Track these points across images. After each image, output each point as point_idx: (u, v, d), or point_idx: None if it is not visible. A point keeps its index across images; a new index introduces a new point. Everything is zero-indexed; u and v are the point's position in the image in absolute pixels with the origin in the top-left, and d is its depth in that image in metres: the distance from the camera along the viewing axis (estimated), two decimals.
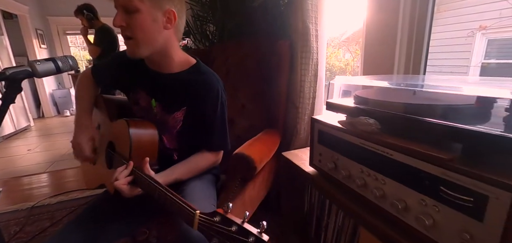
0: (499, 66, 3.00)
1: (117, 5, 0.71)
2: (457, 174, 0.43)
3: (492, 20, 2.85)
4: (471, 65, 3.09)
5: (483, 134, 0.43)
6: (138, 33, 0.72)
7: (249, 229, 0.47)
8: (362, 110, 0.63)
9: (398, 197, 0.54)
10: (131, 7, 0.69)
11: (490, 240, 0.39)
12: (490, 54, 2.99)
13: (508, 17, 2.70)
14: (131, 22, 0.70)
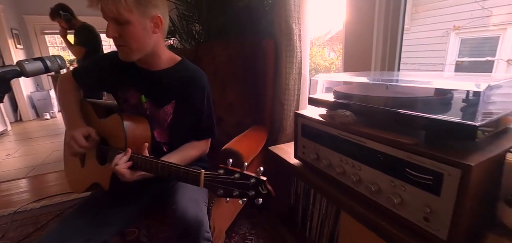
0: (471, 64, 3.21)
1: (107, 17, 0.74)
2: (419, 156, 0.49)
3: (464, 20, 3.04)
4: (447, 63, 3.28)
5: (441, 121, 0.50)
6: (131, 42, 0.77)
7: (249, 174, 0.57)
8: (340, 104, 0.69)
9: (372, 181, 0.60)
10: (122, 19, 0.73)
11: (445, 211, 0.46)
12: (463, 52, 3.19)
13: (479, 18, 2.90)
14: (123, 33, 0.75)
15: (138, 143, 0.84)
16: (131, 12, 0.73)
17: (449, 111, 0.59)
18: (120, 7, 0.71)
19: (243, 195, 0.59)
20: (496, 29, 2.89)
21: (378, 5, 1.03)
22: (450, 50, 3.24)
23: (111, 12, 0.72)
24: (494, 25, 2.87)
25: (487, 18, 2.86)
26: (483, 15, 2.88)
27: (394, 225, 0.55)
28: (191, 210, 0.74)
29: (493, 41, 2.94)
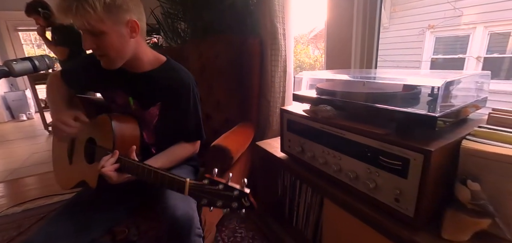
0: (446, 61, 3.41)
1: (82, 30, 0.73)
2: (390, 144, 0.56)
3: (438, 20, 3.23)
4: (423, 60, 3.47)
5: (408, 113, 0.57)
6: (109, 52, 0.76)
7: (233, 186, 0.59)
8: (322, 100, 0.75)
9: (351, 169, 0.66)
10: (96, 31, 0.71)
11: (412, 192, 0.53)
12: (438, 50, 3.39)
13: (451, 18, 3.10)
14: (100, 44, 0.74)
15: (127, 144, 0.85)
16: (103, 22, 0.71)
17: (418, 105, 0.67)
18: (91, 20, 0.69)
19: (226, 205, 0.61)
20: (467, 28, 3.10)
21: (356, 6, 1.10)
22: (426, 48, 3.43)
23: (83, 25, 0.71)
24: (464, 25, 3.07)
25: (458, 17, 3.06)
26: (455, 15, 3.07)
27: (370, 207, 0.62)
28: (181, 208, 0.76)
29: (464, 40, 3.15)
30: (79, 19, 0.69)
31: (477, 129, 0.57)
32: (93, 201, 0.85)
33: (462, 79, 0.64)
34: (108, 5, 0.71)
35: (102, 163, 0.73)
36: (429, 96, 0.65)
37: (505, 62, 2.93)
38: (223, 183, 0.61)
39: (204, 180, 0.63)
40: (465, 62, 3.16)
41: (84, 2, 0.67)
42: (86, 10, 0.68)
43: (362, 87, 0.78)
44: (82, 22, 0.70)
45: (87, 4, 0.67)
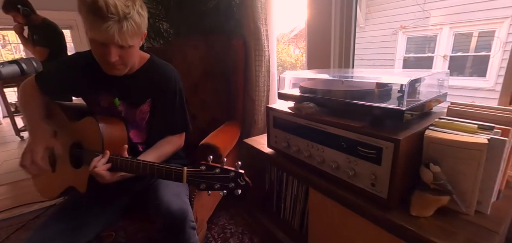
0: (417, 59, 3.67)
1: (110, 43, 0.73)
2: (366, 135, 0.64)
3: (409, 21, 3.47)
4: (396, 58, 3.71)
5: (380, 107, 0.65)
6: (129, 61, 0.81)
7: (229, 168, 0.66)
8: (305, 98, 0.82)
9: (333, 160, 0.74)
10: (127, 45, 0.75)
11: (385, 176, 0.61)
12: (409, 49, 3.64)
13: (420, 19, 3.34)
14: (125, 56, 0.78)
15: (115, 144, 0.87)
16: (137, 37, 0.77)
17: (389, 100, 0.75)
18: (133, 37, 0.75)
19: (224, 187, 0.67)
20: (434, 29, 3.36)
21: (334, 10, 1.19)
22: (398, 47, 3.67)
23: (119, 42, 0.72)
24: (432, 25, 3.32)
25: (427, 19, 3.31)
26: (423, 17, 3.32)
27: (350, 193, 0.70)
28: (175, 204, 0.80)
29: (432, 40, 3.41)
30: (121, 35, 0.71)
31: (438, 120, 0.66)
32: (84, 204, 0.86)
33: (426, 77, 0.74)
34: (143, 27, 0.78)
35: (94, 164, 0.74)
36: (398, 93, 0.74)
37: (469, 61, 3.22)
38: (219, 167, 0.67)
39: (201, 166, 0.68)
40: (433, 60, 3.42)
41: (133, 22, 0.72)
42: (133, 29, 0.73)
43: (341, 86, 0.86)
44: (122, 39, 0.72)
45: (135, 24, 0.73)
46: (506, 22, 2.78)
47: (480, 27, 3.08)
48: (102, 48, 0.74)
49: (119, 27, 0.70)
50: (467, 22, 3.11)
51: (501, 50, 2.86)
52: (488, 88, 2.95)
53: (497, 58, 2.88)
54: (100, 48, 0.75)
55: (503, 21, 2.81)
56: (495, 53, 2.93)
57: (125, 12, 0.70)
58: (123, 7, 0.69)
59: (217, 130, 1.25)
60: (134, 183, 0.89)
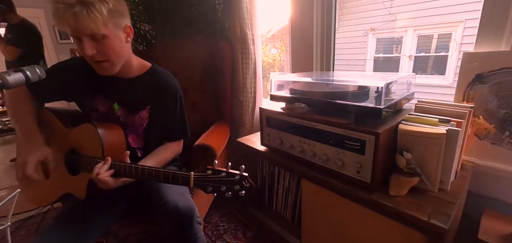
0: (385, 59, 3.99)
1: (81, 36, 0.75)
2: (351, 131, 0.76)
3: (378, 23, 3.77)
4: (367, 59, 4.01)
5: (362, 107, 0.78)
6: (111, 55, 0.80)
7: (234, 172, 0.72)
8: (296, 99, 0.93)
9: (323, 153, 0.85)
10: (98, 35, 0.75)
11: (368, 164, 0.74)
12: (379, 50, 3.96)
13: (388, 21, 3.65)
14: (101, 48, 0.78)
15: (115, 150, 0.90)
16: (106, 26, 0.75)
17: (368, 100, 0.89)
18: (98, 23, 0.73)
19: (230, 189, 0.72)
20: (400, 31, 3.68)
21: (315, 16, 1.32)
22: (369, 48, 3.97)
23: (87, 30, 0.73)
24: (399, 28, 3.64)
25: (393, 21, 3.62)
26: (391, 19, 3.63)
27: (339, 180, 0.82)
28: (182, 202, 0.86)
29: (399, 41, 3.75)
30: (84, 24, 0.72)
31: (408, 115, 0.81)
32: (83, 211, 0.88)
33: (398, 80, 0.88)
34: (111, 11, 0.76)
35: (97, 170, 0.77)
36: (375, 93, 0.88)
37: (430, 60, 3.59)
38: (225, 171, 0.73)
39: (208, 171, 0.74)
40: (400, 60, 3.75)
41: (91, 7, 0.71)
42: (94, 14, 0.72)
43: (327, 88, 0.98)
44: (88, 26, 0.72)
45: (95, 9, 0.72)
46: (461, 26, 3.15)
47: (439, 30, 3.45)
48: (79, 43, 0.76)
49: (71, 13, 0.70)
50: (428, 25, 3.47)
51: (457, 51, 3.23)
52: (447, 85, 3.32)
53: (454, 58, 3.25)
54: (77, 44, 0.77)
55: (458, 25, 3.19)
56: (452, 54, 3.30)
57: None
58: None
59: (208, 131, 1.32)
60: (132, 187, 0.91)
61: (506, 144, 0.82)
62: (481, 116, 0.85)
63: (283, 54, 5.05)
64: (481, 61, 0.84)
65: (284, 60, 5.27)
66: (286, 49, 5.23)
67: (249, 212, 1.35)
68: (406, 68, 3.74)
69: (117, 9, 0.79)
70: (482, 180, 0.86)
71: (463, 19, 3.14)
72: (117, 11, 0.78)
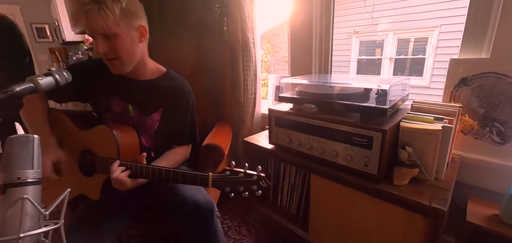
0: (368, 61, 4.24)
1: (94, 34, 0.80)
2: (359, 128, 0.86)
3: (361, 26, 3.99)
4: (351, 60, 4.23)
5: (369, 107, 0.88)
6: (122, 54, 0.84)
7: (251, 172, 0.78)
8: (305, 100, 1.02)
9: (332, 149, 0.95)
10: (110, 33, 0.79)
11: (375, 158, 0.84)
12: (362, 52, 4.19)
13: (370, 25, 3.88)
14: (113, 46, 0.82)
15: (129, 151, 0.93)
16: (118, 25, 0.79)
17: (369, 100, 0.99)
18: (108, 22, 0.77)
19: (247, 189, 0.77)
20: (382, 34, 3.93)
21: (314, 20, 1.42)
22: (353, 50, 4.19)
23: (100, 28, 0.77)
24: (380, 31, 3.88)
25: (375, 25, 3.86)
26: (373, 23, 3.86)
27: (348, 173, 0.91)
28: (200, 197, 0.91)
29: (380, 44, 3.99)
30: (97, 22, 0.76)
31: (407, 114, 0.92)
32: (98, 217, 0.90)
33: (397, 83, 1.00)
34: (124, 10, 0.80)
35: (114, 171, 0.80)
36: (376, 94, 0.98)
37: (409, 62, 3.86)
38: (243, 171, 0.79)
39: (226, 172, 0.79)
40: (382, 62, 4.00)
41: (103, 5, 0.76)
42: (106, 13, 0.76)
43: (332, 89, 1.08)
44: (100, 24, 0.76)
45: (107, 8, 0.76)
46: (436, 30, 3.43)
47: (417, 34, 3.73)
48: (94, 42, 0.81)
49: (86, 10, 0.75)
50: (407, 29, 3.73)
51: (433, 53, 3.51)
52: (425, 86, 3.60)
53: (431, 60, 3.53)
54: (94, 43, 0.82)
55: (434, 30, 3.47)
56: (429, 56, 3.58)
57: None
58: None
59: (213, 131, 1.38)
60: (144, 188, 0.94)
61: (487, 138, 0.97)
62: (467, 115, 0.98)
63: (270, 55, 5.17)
64: (465, 67, 0.98)
65: (270, 61, 5.39)
66: (273, 51, 5.41)
67: (253, 208, 1.41)
68: (387, 70, 3.99)
69: (130, 8, 0.82)
70: (467, 170, 1.00)
71: (438, 25, 3.41)
72: (130, 11, 0.82)
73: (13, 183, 0.47)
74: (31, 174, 0.49)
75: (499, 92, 0.91)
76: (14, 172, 0.47)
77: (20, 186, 0.47)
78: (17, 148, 0.48)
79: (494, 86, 0.92)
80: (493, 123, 0.94)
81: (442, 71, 3.36)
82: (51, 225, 0.49)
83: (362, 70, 4.29)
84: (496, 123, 0.94)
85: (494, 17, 0.90)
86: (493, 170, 0.94)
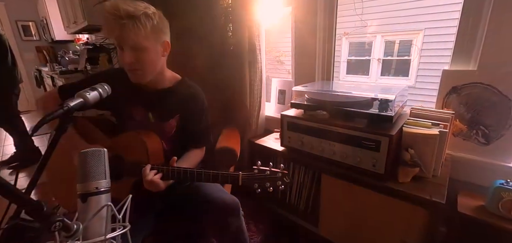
0: (357, 62, 4.44)
1: (123, 45, 0.86)
2: (367, 133, 0.98)
3: (350, 28, 4.17)
4: (341, 61, 4.41)
5: (376, 114, 1.00)
6: (146, 66, 0.91)
7: (276, 170, 0.87)
8: (317, 107, 1.13)
9: (342, 151, 1.06)
10: (139, 46, 0.85)
11: (382, 159, 0.96)
12: (351, 53, 4.38)
13: (359, 27, 4.06)
14: (139, 58, 0.88)
15: (155, 155, 1.01)
16: (148, 39, 0.86)
17: (372, 107, 1.12)
18: (140, 36, 0.83)
19: (273, 185, 0.87)
20: (370, 36, 4.12)
21: (318, 30, 1.53)
22: (343, 51, 4.37)
23: (131, 41, 0.84)
24: (369, 33, 4.08)
25: (364, 27, 4.05)
26: (362, 25, 4.05)
27: (357, 173, 1.03)
28: (227, 196, 1.00)
29: (369, 45, 4.19)
30: (129, 35, 0.83)
31: (408, 120, 1.05)
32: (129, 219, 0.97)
33: (399, 92, 1.13)
34: (154, 26, 0.87)
35: (147, 173, 0.87)
36: (378, 102, 1.11)
37: (396, 63, 4.08)
38: (269, 169, 0.88)
39: (254, 170, 0.89)
40: (370, 63, 4.20)
41: (138, 21, 0.83)
42: (139, 28, 0.83)
43: (338, 97, 1.19)
44: (131, 38, 0.83)
45: (140, 23, 0.83)
46: (421, 34, 3.66)
47: (403, 37, 3.95)
48: (120, 52, 0.88)
49: (119, 24, 0.81)
50: (394, 32, 3.95)
51: (418, 55, 3.75)
52: (411, 85, 3.83)
53: (416, 61, 3.76)
54: (119, 52, 0.89)
55: (419, 33, 3.70)
56: (414, 58, 3.82)
57: (127, 11, 0.81)
58: (126, 7, 0.81)
59: (225, 134, 1.46)
60: (170, 189, 0.99)
61: (473, 139, 1.12)
62: (457, 119, 1.13)
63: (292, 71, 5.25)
64: (455, 77, 1.12)
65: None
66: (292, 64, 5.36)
67: (261, 206, 1.52)
68: (375, 70, 4.20)
69: (160, 25, 0.90)
70: (457, 167, 1.14)
71: (423, 28, 3.64)
72: (159, 28, 0.89)
73: (92, 192, 0.54)
74: (105, 183, 0.56)
75: (484, 100, 1.06)
76: (92, 183, 0.54)
77: (97, 194, 0.54)
78: (92, 161, 0.56)
79: (480, 95, 1.06)
80: (479, 126, 1.09)
81: (426, 72, 3.60)
82: (122, 228, 0.57)
83: (351, 70, 4.48)
84: (482, 126, 1.09)
85: (480, 34, 1.04)
86: (479, 167, 1.10)
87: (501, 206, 0.90)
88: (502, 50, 0.99)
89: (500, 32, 0.98)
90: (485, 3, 1.01)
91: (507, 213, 0.89)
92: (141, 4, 0.85)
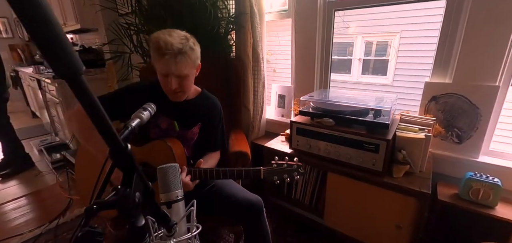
0: (340, 61, 4.74)
1: (169, 74, 1.00)
2: (368, 137, 1.20)
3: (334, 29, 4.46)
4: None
5: (375, 122, 1.23)
6: (186, 88, 1.09)
7: (292, 163, 1.05)
8: (323, 115, 1.33)
9: (347, 153, 1.28)
10: (184, 75, 1.02)
11: (381, 159, 1.19)
12: (334, 52, 4.67)
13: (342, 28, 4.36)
14: (182, 83, 1.05)
15: (180, 160, 1.15)
16: (191, 68, 1.04)
17: (368, 115, 1.34)
18: (187, 67, 1.01)
19: (290, 176, 1.05)
20: (351, 37, 4.44)
21: (317, 42, 1.73)
22: None
23: (181, 73, 1.00)
24: (350, 34, 4.39)
25: (346, 28, 4.35)
26: (344, 26, 4.35)
27: (360, 171, 1.25)
28: (251, 196, 1.17)
29: (351, 45, 4.51)
30: (181, 69, 0.98)
31: (399, 125, 1.29)
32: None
33: (392, 102, 1.36)
34: (196, 57, 1.05)
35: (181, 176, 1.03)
36: (371, 111, 1.33)
37: (375, 63, 4.44)
38: (285, 162, 1.05)
39: (273, 165, 1.06)
40: (351, 62, 4.53)
41: (186, 56, 0.99)
42: (187, 61, 1.00)
43: (340, 106, 1.40)
44: (181, 70, 0.99)
45: (188, 57, 1.00)
46: (398, 35, 4.03)
47: (380, 38, 4.31)
48: (165, 79, 1.03)
49: (174, 61, 0.97)
50: (373, 33, 4.29)
51: (395, 56, 4.12)
52: (388, 84, 4.21)
53: (393, 62, 4.14)
54: (163, 78, 1.04)
55: (396, 35, 4.06)
56: (391, 58, 4.19)
57: (179, 48, 0.96)
58: (177, 44, 0.97)
59: (235, 139, 1.62)
60: (197, 190, 1.13)
61: (449, 140, 1.38)
62: (437, 123, 1.39)
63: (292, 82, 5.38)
64: (435, 88, 1.38)
65: None
66: (292, 74, 5.45)
67: (268, 201, 1.70)
68: (356, 69, 4.53)
69: (197, 53, 1.07)
70: (436, 163, 1.41)
71: (399, 30, 4.01)
72: (197, 55, 1.07)
73: (174, 200, 0.69)
74: (181, 192, 0.71)
75: (458, 107, 1.33)
76: (173, 193, 0.69)
77: (177, 202, 0.69)
78: (171, 175, 0.70)
79: (455, 103, 1.33)
80: (454, 128, 1.36)
81: (403, 72, 3.99)
82: (195, 229, 0.72)
83: (334, 68, 4.78)
84: (455, 129, 1.36)
85: (454, 54, 1.30)
86: (454, 162, 1.37)
87: (470, 193, 1.17)
88: (472, 68, 1.25)
89: (470, 53, 1.24)
90: (458, 30, 1.26)
91: (476, 198, 1.15)
92: (182, 35, 1.00)
